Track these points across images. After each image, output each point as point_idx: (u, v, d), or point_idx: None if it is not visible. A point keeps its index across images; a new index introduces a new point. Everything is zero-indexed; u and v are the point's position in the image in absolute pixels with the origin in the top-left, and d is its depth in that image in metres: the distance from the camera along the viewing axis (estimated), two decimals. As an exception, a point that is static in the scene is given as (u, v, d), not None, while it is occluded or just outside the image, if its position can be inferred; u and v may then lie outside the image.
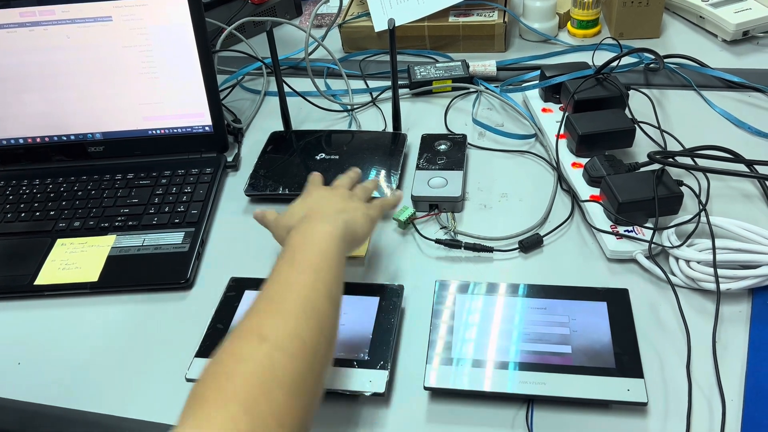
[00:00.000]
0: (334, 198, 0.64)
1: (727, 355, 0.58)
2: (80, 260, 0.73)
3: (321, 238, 0.55)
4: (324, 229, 0.56)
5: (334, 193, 0.65)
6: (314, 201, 0.64)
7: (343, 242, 0.56)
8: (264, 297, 0.50)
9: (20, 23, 0.82)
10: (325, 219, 0.58)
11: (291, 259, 0.53)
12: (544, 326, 0.59)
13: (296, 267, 0.52)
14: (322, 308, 0.49)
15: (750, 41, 0.98)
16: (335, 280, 0.53)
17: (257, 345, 0.45)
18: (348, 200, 0.64)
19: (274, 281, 0.51)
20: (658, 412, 0.54)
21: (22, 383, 0.63)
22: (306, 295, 0.49)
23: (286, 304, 0.48)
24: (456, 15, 1.03)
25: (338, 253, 0.55)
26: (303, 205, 0.64)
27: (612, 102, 0.80)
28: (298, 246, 0.55)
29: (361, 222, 0.61)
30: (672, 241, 0.65)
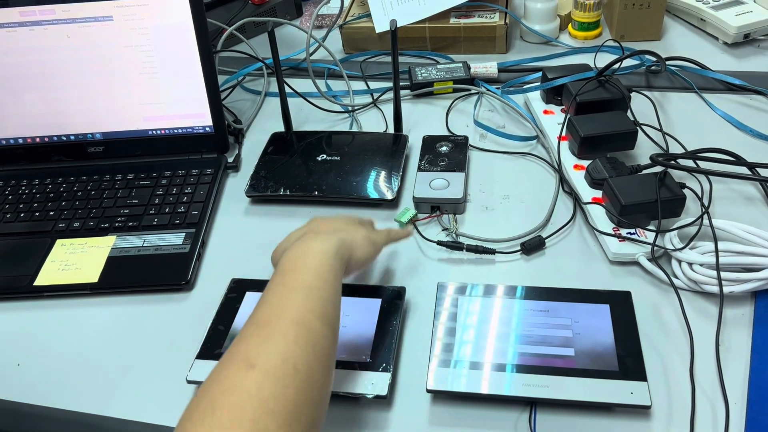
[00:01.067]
0: (335, 221, 0.61)
1: (730, 358, 0.57)
2: (80, 261, 0.73)
3: (312, 256, 0.52)
4: (316, 247, 0.53)
5: (335, 217, 0.63)
6: (312, 225, 0.60)
7: (337, 259, 0.53)
8: (253, 321, 0.47)
9: (20, 23, 0.82)
10: (319, 237, 0.55)
11: (281, 279, 0.50)
12: (546, 329, 0.59)
13: (287, 287, 0.49)
14: (316, 329, 0.46)
15: (751, 44, 0.98)
16: (330, 298, 0.49)
17: (245, 373, 0.42)
18: (349, 224, 0.60)
19: (263, 304, 0.48)
20: (662, 415, 0.54)
21: (21, 385, 0.62)
22: (297, 317, 0.46)
23: (276, 327, 0.45)
24: (457, 16, 1.03)
25: (332, 270, 0.51)
26: (301, 230, 0.60)
27: (614, 104, 0.80)
28: (289, 265, 0.51)
29: (360, 243, 0.57)
30: (674, 244, 0.65)
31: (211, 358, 0.60)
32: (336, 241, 0.54)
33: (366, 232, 0.59)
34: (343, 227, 0.58)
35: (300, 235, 0.58)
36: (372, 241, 0.59)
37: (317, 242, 0.53)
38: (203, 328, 0.63)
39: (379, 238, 0.61)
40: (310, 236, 0.55)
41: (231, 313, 0.64)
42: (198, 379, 0.58)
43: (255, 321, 0.47)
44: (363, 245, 0.58)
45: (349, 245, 0.56)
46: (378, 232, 0.62)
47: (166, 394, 0.60)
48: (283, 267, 0.51)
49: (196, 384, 0.59)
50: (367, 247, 0.58)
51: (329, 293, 0.50)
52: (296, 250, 0.53)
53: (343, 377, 0.57)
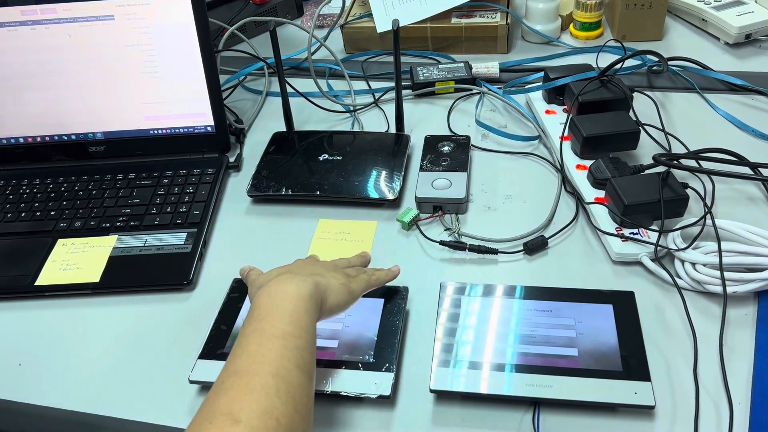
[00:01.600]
0: (315, 265, 0.59)
1: (734, 359, 0.57)
2: (81, 261, 0.73)
3: (288, 300, 0.51)
4: (291, 290, 0.52)
5: (317, 262, 0.61)
6: (293, 265, 0.60)
7: (311, 302, 0.52)
8: (232, 372, 0.47)
9: (21, 22, 0.81)
10: (294, 279, 0.54)
11: (259, 326, 0.50)
12: (549, 329, 0.59)
13: (265, 335, 0.49)
14: (295, 381, 0.47)
15: (752, 44, 0.98)
16: (306, 346, 0.49)
17: (230, 428, 0.42)
18: (329, 269, 0.59)
19: (242, 352, 0.48)
20: (666, 415, 0.54)
21: (22, 384, 0.62)
22: (276, 369, 0.46)
23: (256, 378, 0.45)
24: (458, 16, 1.03)
25: (307, 314, 0.51)
26: (280, 268, 0.59)
27: (616, 104, 0.80)
28: (264, 310, 0.51)
29: (335, 289, 0.56)
30: (677, 244, 0.65)
31: (213, 358, 0.60)
32: (311, 284, 0.54)
33: (344, 279, 0.58)
34: (321, 272, 0.57)
35: (277, 273, 0.57)
36: (349, 289, 0.58)
37: (292, 285, 0.53)
38: (205, 328, 0.63)
39: (357, 286, 0.59)
40: (286, 277, 0.54)
41: (233, 312, 0.64)
42: (200, 379, 0.58)
43: (234, 371, 0.47)
44: (338, 292, 0.56)
45: (323, 290, 0.55)
46: (358, 280, 0.59)
47: (168, 395, 0.60)
48: (260, 312, 0.51)
49: (198, 384, 0.59)
50: (343, 294, 0.57)
51: (305, 340, 0.50)
52: (271, 292, 0.53)
53: (346, 377, 0.57)
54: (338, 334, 0.61)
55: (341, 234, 0.74)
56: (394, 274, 0.64)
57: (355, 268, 0.63)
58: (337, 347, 0.59)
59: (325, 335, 0.60)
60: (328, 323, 0.61)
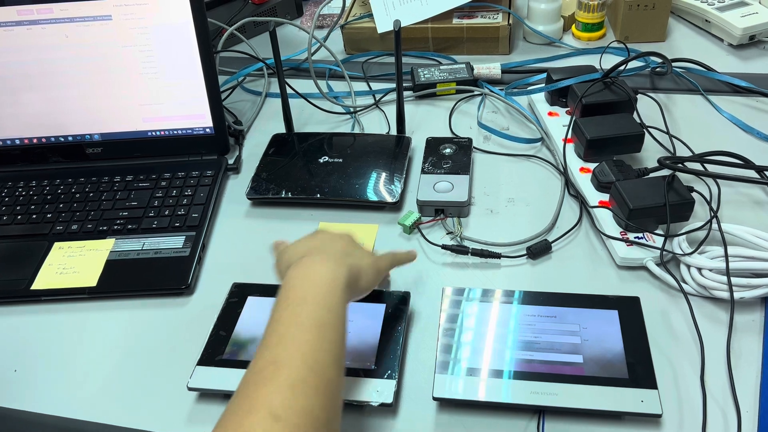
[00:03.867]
0: (342, 241, 0.58)
1: (742, 365, 0.57)
2: (78, 264, 0.72)
3: (325, 286, 0.50)
4: (327, 274, 0.51)
5: (342, 237, 0.59)
6: (318, 241, 0.58)
7: (347, 290, 0.52)
8: (270, 360, 0.45)
9: (18, 21, 0.80)
10: (328, 260, 0.53)
11: (294, 312, 0.48)
12: (554, 335, 0.58)
13: (302, 324, 0.47)
14: (332, 376, 0.46)
15: (756, 45, 0.98)
16: (340, 338, 0.48)
17: (270, 425, 0.41)
18: (355, 246, 0.58)
19: (279, 340, 0.47)
20: (673, 423, 0.53)
21: (19, 391, 0.61)
22: (314, 362, 0.45)
23: (294, 372, 0.44)
24: (460, 17, 1.02)
25: (342, 302, 0.50)
26: (306, 242, 0.57)
27: (620, 106, 0.79)
28: (300, 293, 0.50)
29: (366, 270, 0.56)
30: (683, 249, 0.64)
31: (212, 364, 0.59)
32: (346, 269, 0.53)
33: (372, 258, 0.58)
34: (351, 251, 0.56)
35: (306, 249, 0.55)
36: (377, 268, 0.58)
37: (328, 269, 0.52)
38: (204, 334, 0.62)
39: (383, 264, 0.59)
40: (319, 258, 0.53)
41: (232, 318, 0.63)
42: (199, 386, 0.57)
43: (272, 359, 0.45)
44: (368, 273, 0.56)
45: (356, 273, 0.54)
46: (383, 257, 0.60)
47: (166, 401, 0.59)
48: (295, 295, 0.50)
49: (196, 391, 0.58)
50: (371, 275, 0.57)
51: (340, 332, 0.49)
52: (308, 275, 0.51)
53: (347, 384, 0.56)
54: (339, 340, 0.60)
55: (342, 237, 0.73)
56: (412, 255, 0.64)
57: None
58: (338, 353, 0.58)
59: (326, 341, 0.59)
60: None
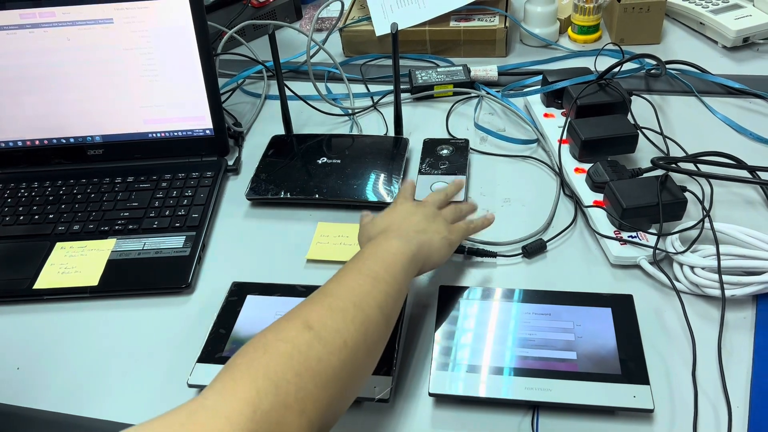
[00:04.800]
0: (417, 216, 0.62)
1: (733, 362, 0.57)
2: (80, 264, 0.73)
3: (391, 253, 0.56)
4: (396, 246, 0.56)
5: (419, 210, 0.64)
6: (398, 215, 0.63)
7: (413, 262, 0.56)
8: (321, 291, 0.52)
9: (20, 25, 0.81)
10: (400, 236, 0.58)
11: (357, 265, 0.54)
12: (548, 332, 0.59)
13: (359, 272, 0.53)
14: (372, 317, 0.50)
15: (750, 48, 0.99)
16: (393, 294, 0.53)
17: (301, 331, 0.46)
18: (431, 221, 0.62)
19: (335, 280, 0.53)
20: (664, 418, 0.54)
21: (21, 388, 0.62)
22: (359, 300, 0.50)
23: (339, 302, 0.49)
24: (457, 20, 1.03)
25: (404, 270, 0.55)
26: (387, 218, 0.63)
27: (614, 107, 0.80)
28: (367, 255, 0.56)
29: (437, 246, 0.60)
30: (676, 247, 0.65)
31: (212, 362, 0.60)
32: (416, 245, 0.58)
33: (445, 232, 0.62)
34: (424, 227, 0.61)
35: (386, 224, 0.61)
36: (449, 242, 0.62)
37: (398, 243, 0.57)
38: (204, 332, 0.63)
39: (456, 237, 0.63)
40: (394, 235, 0.59)
41: (232, 316, 0.64)
42: (199, 383, 0.58)
43: (324, 291, 0.51)
44: (440, 249, 0.60)
45: (426, 251, 0.59)
46: (455, 230, 0.64)
47: (166, 398, 0.60)
48: (363, 255, 0.56)
49: (196, 388, 0.59)
50: (444, 250, 0.61)
51: (394, 289, 0.53)
52: (377, 245, 0.57)
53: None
54: (337, 338, 0.60)
55: (340, 237, 0.74)
56: (489, 220, 0.68)
57: (453, 209, 0.66)
58: (336, 351, 0.59)
59: (324, 339, 0.60)
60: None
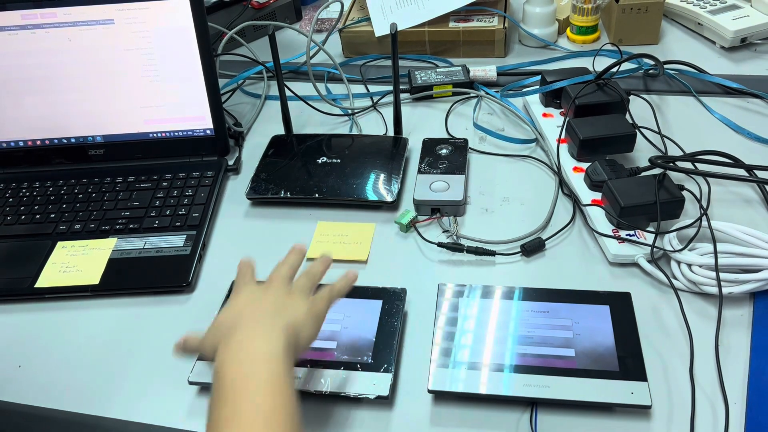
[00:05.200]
0: (268, 297, 0.52)
1: (730, 359, 0.58)
2: (81, 263, 0.73)
3: (263, 365, 0.44)
4: (263, 351, 0.45)
5: (268, 291, 0.53)
6: (243, 304, 0.52)
7: (288, 360, 0.46)
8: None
9: (22, 26, 0.82)
10: (258, 328, 0.48)
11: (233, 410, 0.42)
12: (547, 329, 0.59)
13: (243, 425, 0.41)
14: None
15: (748, 48, 0.99)
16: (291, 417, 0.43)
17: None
18: (285, 297, 0.52)
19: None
20: (662, 415, 0.54)
21: (22, 386, 0.62)
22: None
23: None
24: (456, 20, 1.03)
25: (286, 375, 0.44)
26: (230, 311, 0.52)
27: (613, 107, 0.80)
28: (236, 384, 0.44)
29: (303, 322, 0.50)
30: (674, 245, 0.65)
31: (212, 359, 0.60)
32: (282, 332, 0.47)
33: (307, 304, 0.52)
34: (283, 306, 0.51)
35: (232, 319, 0.50)
36: (315, 314, 0.52)
37: (262, 342, 0.46)
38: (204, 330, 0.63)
39: (321, 306, 0.53)
40: (249, 328, 0.48)
41: (232, 314, 0.64)
42: (199, 380, 0.59)
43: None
44: (308, 325, 0.51)
45: (296, 333, 0.49)
46: (318, 298, 0.54)
47: (167, 395, 0.60)
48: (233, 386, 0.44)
49: (197, 385, 0.59)
50: (312, 326, 0.52)
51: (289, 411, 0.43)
52: (240, 359, 0.45)
53: (344, 378, 0.57)
54: (337, 335, 0.61)
55: (340, 236, 0.75)
56: (351, 279, 0.57)
57: (305, 276, 0.56)
58: (335, 348, 0.60)
59: (324, 336, 0.61)
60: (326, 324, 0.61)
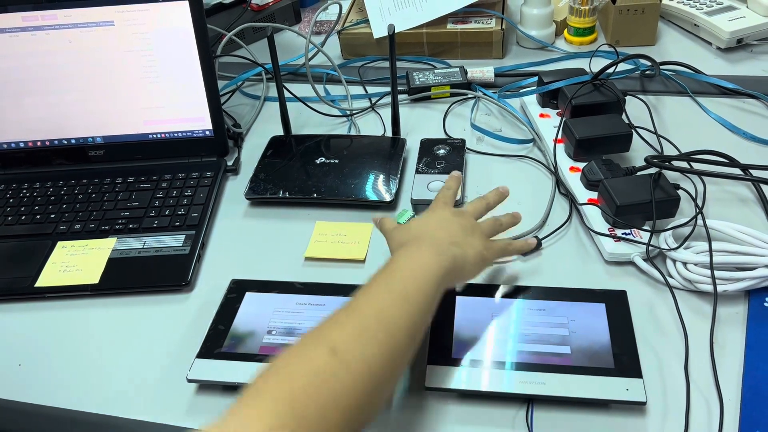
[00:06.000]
0: (454, 226, 0.60)
1: (725, 356, 0.58)
2: (81, 262, 0.73)
3: (424, 269, 0.54)
4: (430, 261, 0.55)
5: (456, 220, 0.62)
6: (433, 222, 0.61)
7: (445, 278, 0.55)
8: (350, 308, 0.50)
9: (22, 27, 0.83)
10: (434, 248, 0.56)
11: (389, 280, 0.53)
12: (543, 327, 0.60)
13: (390, 290, 0.52)
14: (399, 341, 0.49)
15: (744, 49, 1.00)
16: (422, 315, 0.52)
17: (328, 357, 0.45)
18: (468, 233, 0.60)
19: (364, 294, 0.51)
20: (657, 411, 0.55)
21: (23, 385, 0.63)
22: (387, 323, 0.49)
23: (368, 325, 0.48)
24: (454, 22, 1.04)
25: (435, 287, 0.53)
26: (421, 223, 0.62)
27: (609, 107, 0.81)
28: (399, 269, 0.54)
29: (471, 261, 0.58)
30: (669, 244, 0.66)
31: (211, 357, 0.60)
32: (449, 260, 0.56)
33: (481, 247, 0.60)
34: (461, 239, 0.59)
35: (420, 231, 0.60)
36: (483, 258, 0.60)
37: (432, 257, 0.55)
38: (203, 328, 0.64)
39: (491, 255, 0.62)
40: (427, 245, 0.57)
41: (231, 312, 0.65)
42: (198, 378, 0.59)
43: (352, 307, 0.50)
44: (473, 264, 0.59)
45: (460, 265, 0.57)
46: (492, 247, 0.62)
47: (167, 393, 0.60)
48: (395, 267, 0.54)
49: (196, 383, 0.60)
50: (477, 266, 0.60)
51: (423, 310, 0.52)
52: (409, 257, 0.55)
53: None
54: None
55: (338, 236, 0.75)
56: (530, 245, 0.67)
57: (492, 223, 0.65)
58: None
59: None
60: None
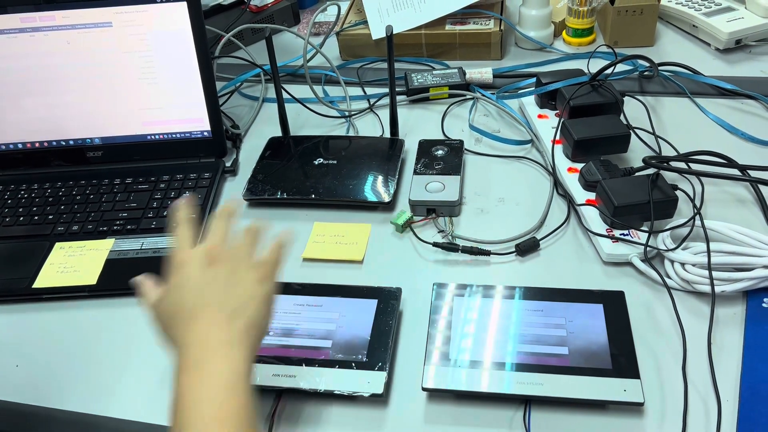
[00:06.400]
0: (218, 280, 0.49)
1: (723, 356, 0.58)
2: (79, 264, 0.73)
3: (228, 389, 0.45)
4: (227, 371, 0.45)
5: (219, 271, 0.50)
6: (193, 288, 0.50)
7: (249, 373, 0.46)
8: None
9: (21, 29, 0.83)
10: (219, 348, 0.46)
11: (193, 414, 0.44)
12: (541, 328, 0.60)
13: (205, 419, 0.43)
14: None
15: (742, 49, 1.00)
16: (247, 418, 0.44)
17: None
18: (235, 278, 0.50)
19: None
20: (655, 412, 0.55)
21: (20, 385, 0.63)
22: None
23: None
24: (453, 23, 1.04)
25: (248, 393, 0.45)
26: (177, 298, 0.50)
27: (607, 108, 0.81)
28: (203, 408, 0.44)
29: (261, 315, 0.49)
30: (667, 245, 0.66)
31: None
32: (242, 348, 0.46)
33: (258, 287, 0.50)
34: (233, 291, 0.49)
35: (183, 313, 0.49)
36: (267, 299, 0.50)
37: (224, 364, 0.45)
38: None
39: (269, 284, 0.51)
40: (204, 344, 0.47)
41: (228, 314, 0.65)
42: None
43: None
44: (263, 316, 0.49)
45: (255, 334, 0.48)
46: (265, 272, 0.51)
47: (164, 394, 0.60)
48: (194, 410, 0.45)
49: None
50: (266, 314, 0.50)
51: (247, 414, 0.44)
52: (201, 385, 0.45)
53: (339, 376, 0.58)
54: (332, 334, 0.61)
55: (336, 237, 0.75)
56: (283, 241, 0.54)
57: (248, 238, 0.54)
58: (330, 347, 0.60)
59: (319, 335, 0.61)
60: (321, 323, 0.62)
